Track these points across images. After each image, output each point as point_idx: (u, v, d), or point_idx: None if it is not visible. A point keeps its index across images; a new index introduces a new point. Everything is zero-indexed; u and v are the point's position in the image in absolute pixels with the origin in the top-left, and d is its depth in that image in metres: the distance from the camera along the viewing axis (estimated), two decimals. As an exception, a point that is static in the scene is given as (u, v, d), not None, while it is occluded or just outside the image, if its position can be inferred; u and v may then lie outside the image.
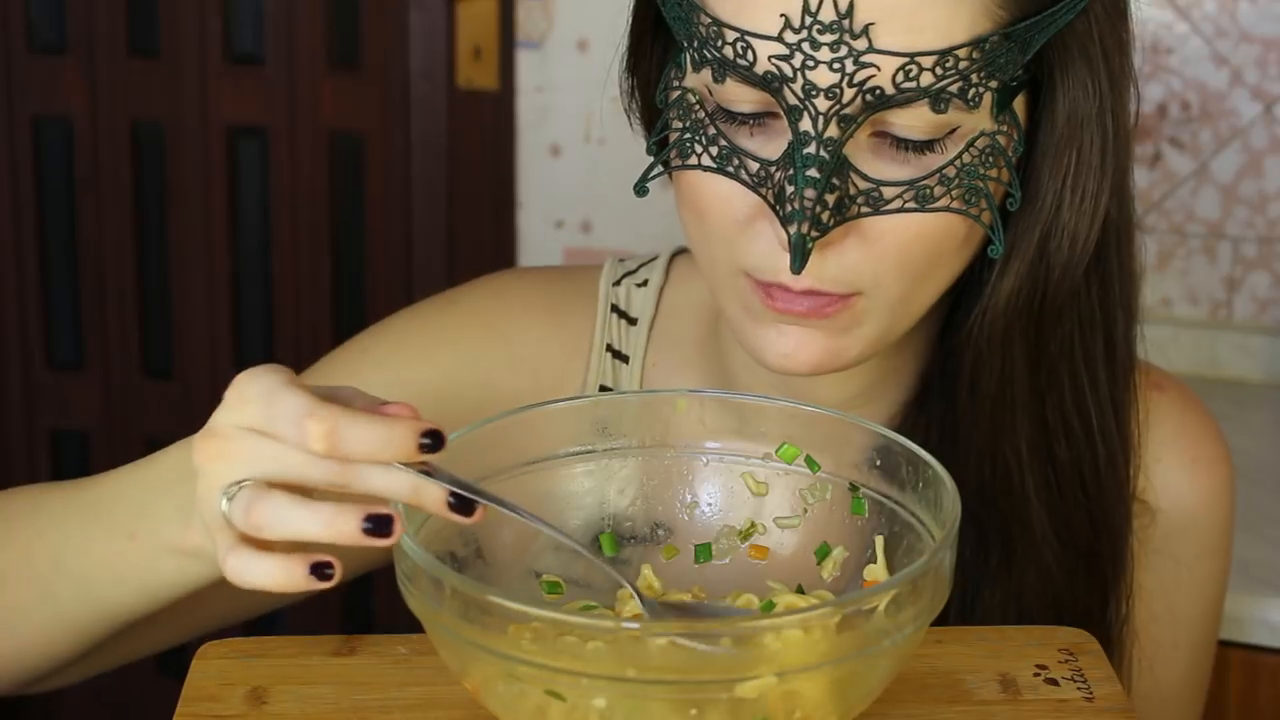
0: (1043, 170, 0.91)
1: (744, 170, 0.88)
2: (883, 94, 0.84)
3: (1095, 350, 0.97)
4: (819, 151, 0.85)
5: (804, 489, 0.87)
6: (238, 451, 0.76)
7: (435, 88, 2.30)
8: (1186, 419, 1.06)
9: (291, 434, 0.74)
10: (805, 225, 0.84)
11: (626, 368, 1.05)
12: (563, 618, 0.70)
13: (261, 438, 0.75)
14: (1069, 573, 0.99)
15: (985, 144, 0.87)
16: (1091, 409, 0.97)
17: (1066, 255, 0.92)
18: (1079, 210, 0.91)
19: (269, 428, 0.75)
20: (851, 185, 0.86)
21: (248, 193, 2.43)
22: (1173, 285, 2.10)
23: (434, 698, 0.81)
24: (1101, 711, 0.81)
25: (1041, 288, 0.93)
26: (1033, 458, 0.97)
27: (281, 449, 0.75)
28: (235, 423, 0.76)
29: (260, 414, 0.75)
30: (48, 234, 2.51)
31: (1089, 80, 0.89)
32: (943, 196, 0.87)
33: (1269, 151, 2.04)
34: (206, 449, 0.77)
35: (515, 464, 0.86)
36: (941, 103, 0.85)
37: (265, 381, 0.76)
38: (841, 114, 0.85)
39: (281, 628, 2.37)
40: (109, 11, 2.41)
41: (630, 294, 1.07)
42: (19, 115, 2.47)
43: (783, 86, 0.85)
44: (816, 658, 0.70)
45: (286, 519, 0.75)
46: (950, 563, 0.75)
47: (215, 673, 0.83)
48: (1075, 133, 0.90)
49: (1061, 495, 0.98)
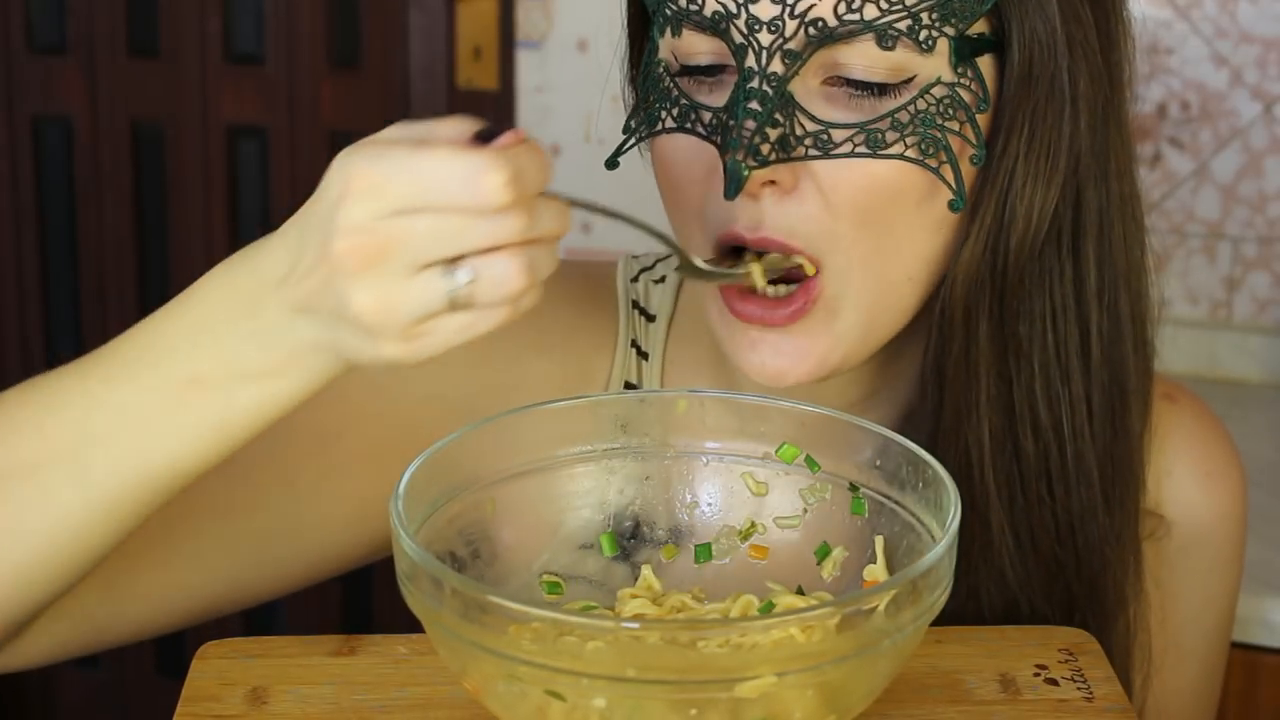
0: (1000, 129, 0.90)
1: (699, 123, 0.89)
2: (825, 26, 0.85)
3: (1068, 343, 0.94)
4: (762, 86, 0.85)
5: (804, 489, 0.87)
6: (407, 237, 0.70)
7: (435, 88, 2.30)
8: (1198, 430, 1.05)
9: (469, 197, 0.69)
10: (740, 153, 0.84)
11: (647, 364, 1.05)
12: (563, 618, 0.70)
13: (421, 216, 0.70)
14: (1027, 579, 0.96)
15: (943, 93, 0.87)
16: (1061, 404, 0.95)
17: (1024, 222, 0.90)
18: (1034, 174, 0.90)
19: (433, 200, 0.69)
20: (798, 125, 0.86)
21: (248, 193, 2.43)
22: (1173, 285, 2.10)
23: (434, 698, 0.81)
24: (1101, 711, 0.81)
25: (1003, 258, 0.91)
26: (996, 450, 0.94)
27: (456, 219, 0.69)
28: (378, 213, 0.70)
29: (412, 189, 0.69)
30: (48, 234, 2.51)
31: (1045, 38, 0.88)
32: (895, 143, 0.86)
33: (1269, 151, 2.04)
34: (357, 253, 0.70)
35: (515, 464, 0.86)
36: (889, 39, 0.85)
37: (390, 155, 0.70)
38: (785, 48, 0.85)
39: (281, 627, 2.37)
40: (109, 11, 2.41)
41: (649, 290, 1.07)
42: (19, 115, 2.47)
43: (729, 25, 0.86)
44: (816, 658, 0.70)
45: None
46: (950, 563, 0.75)
47: (215, 673, 0.83)
48: (1030, 91, 0.89)
49: (1025, 494, 0.95)
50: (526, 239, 0.71)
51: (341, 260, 0.71)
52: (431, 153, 0.70)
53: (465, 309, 0.71)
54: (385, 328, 0.72)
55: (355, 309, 0.71)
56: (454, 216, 0.70)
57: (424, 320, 0.72)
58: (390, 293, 0.71)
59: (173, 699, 0.82)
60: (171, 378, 0.80)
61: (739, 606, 0.83)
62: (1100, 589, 0.98)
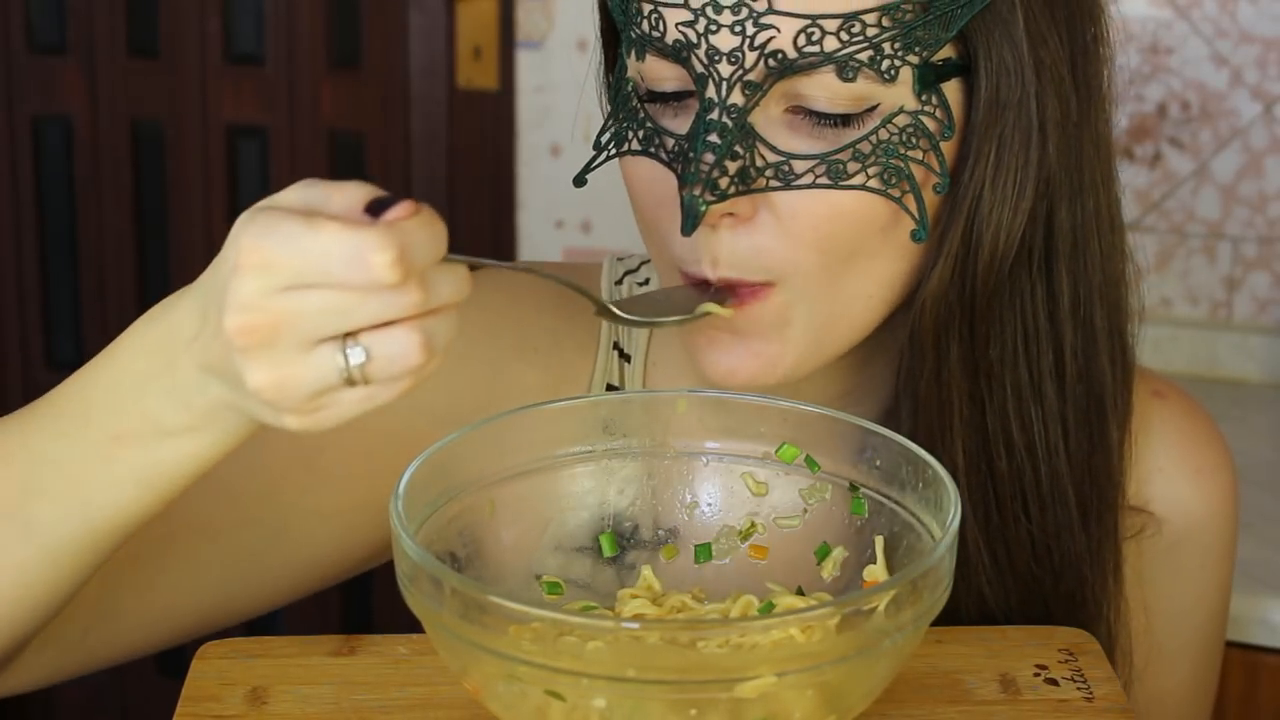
0: (967, 156, 0.89)
1: (662, 149, 0.88)
2: (785, 58, 0.84)
3: (1041, 364, 0.93)
4: (721, 118, 0.84)
5: (804, 489, 0.87)
6: (296, 315, 0.69)
7: (435, 87, 2.30)
8: (1188, 426, 1.05)
9: (356, 276, 0.68)
10: (698, 188, 0.83)
11: (630, 366, 1.04)
12: (563, 618, 0.70)
13: (312, 292, 0.68)
14: (1005, 597, 0.96)
15: (906, 122, 0.86)
16: (1035, 424, 0.94)
17: (990, 246, 0.89)
18: (1001, 200, 0.89)
19: (320, 279, 0.68)
20: (759, 156, 0.85)
21: (248, 193, 2.43)
22: (1173, 285, 2.09)
23: (434, 698, 0.81)
24: (1101, 711, 0.81)
25: (970, 282, 0.90)
26: (970, 470, 0.94)
27: (345, 295, 0.68)
28: (267, 290, 0.69)
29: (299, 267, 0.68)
30: (48, 234, 2.51)
31: (1013, 64, 0.87)
32: (857, 174, 0.85)
33: (1269, 151, 2.04)
34: (248, 331, 0.69)
35: (515, 464, 0.86)
36: (850, 71, 0.84)
37: (279, 230, 0.69)
38: (745, 79, 0.84)
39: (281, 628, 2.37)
40: (109, 11, 2.41)
41: (632, 292, 1.06)
42: (19, 115, 2.47)
43: (690, 55, 0.85)
44: (816, 658, 0.70)
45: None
46: (950, 563, 0.75)
47: (215, 673, 0.83)
48: (998, 118, 0.88)
49: (1000, 514, 0.95)
50: (422, 312, 0.70)
51: (233, 338, 0.70)
52: (319, 230, 0.68)
53: (363, 384, 0.70)
54: (282, 403, 0.71)
55: (251, 385, 0.71)
56: (344, 293, 0.68)
57: (321, 395, 0.71)
58: (283, 370, 0.70)
59: (173, 699, 0.82)
60: (98, 433, 0.80)
61: (739, 606, 0.83)
62: (1077, 603, 0.98)
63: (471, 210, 2.33)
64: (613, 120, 0.92)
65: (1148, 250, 2.06)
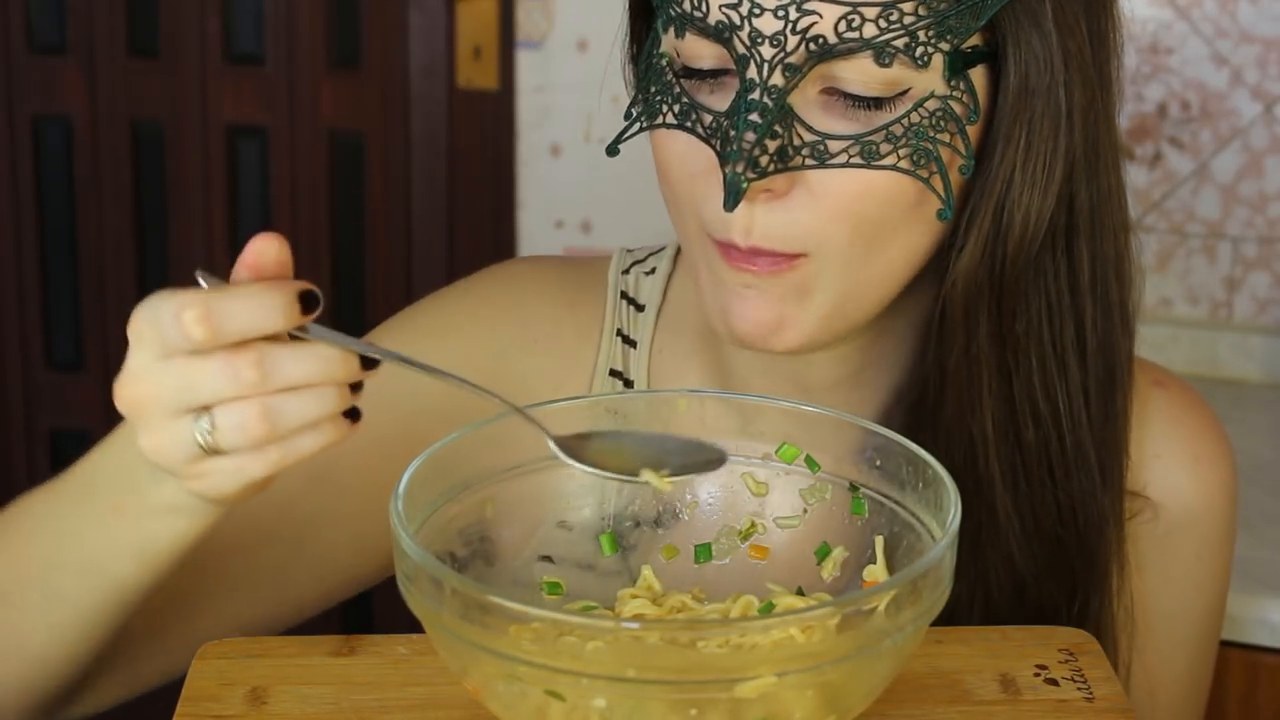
0: (997, 141, 0.92)
1: (699, 124, 0.91)
2: (825, 43, 0.86)
3: (1064, 336, 0.97)
4: (762, 98, 0.87)
5: (804, 489, 0.87)
6: (159, 387, 0.74)
7: (435, 87, 2.30)
8: (1187, 415, 1.07)
9: (173, 332, 0.72)
10: (740, 165, 0.86)
11: (635, 352, 1.06)
12: (563, 618, 0.70)
13: (172, 362, 0.73)
14: (1034, 560, 0.99)
15: (936, 106, 0.89)
16: (1060, 394, 0.97)
17: (1020, 228, 0.93)
18: (1031, 183, 0.92)
19: (168, 346, 0.73)
20: (796, 136, 0.88)
21: (248, 193, 2.43)
22: (1173, 285, 2.10)
23: (434, 698, 0.81)
24: (1102, 712, 0.81)
25: (1000, 262, 0.93)
26: (999, 440, 0.97)
27: (188, 367, 0.73)
28: (143, 360, 0.74)
29: (155, 337, 0.73)
30: (48, 234, 2.51)
31: (1041, 51, 0.90)
32: (889, 154, 0.88)
33: (1269, 151, 2.04)
34: (129, 398, 0.75)
35: (515, 464, 0.86)
36: (886, 56, 0.87)
37: (148, 305, 0.74)
38: (786, 62, 0.87)
39: (281, 628, 2.37)
40: (109, 11, 2.41)
41: (639, 281, 1.08)
42: (19, 115, 2.47)
43: (732, 36, 0.88)
44: (816, 658, 0.70)
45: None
46: (950, 563, 0.75)
47: (215, 673, 0.83)
48: (1027, 104, 0.91)
49: (1028, 480, 0.98)
50: (264, 388, 0.73)
51: (122, 405, 0.76)
52: (168, 298, 0.73)
53: (226, 454, 0.74)
54: (170, 468, 0.76)
55: (143, 450, 0.76)
56: (190, 366, 0.73)
57: (193, 463, 0.75)
58: (157, 437, 0.75)
59: (173, 699, 0.82)
60: (99, 507, 0.86)
61: (739, 606, 0.83)
62: (1101, 565, 1.01)
63: (471, 210, 2.33)
64: (642, 93, 0.94)
65: (1148, 250, 2.07)
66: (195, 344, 0.72)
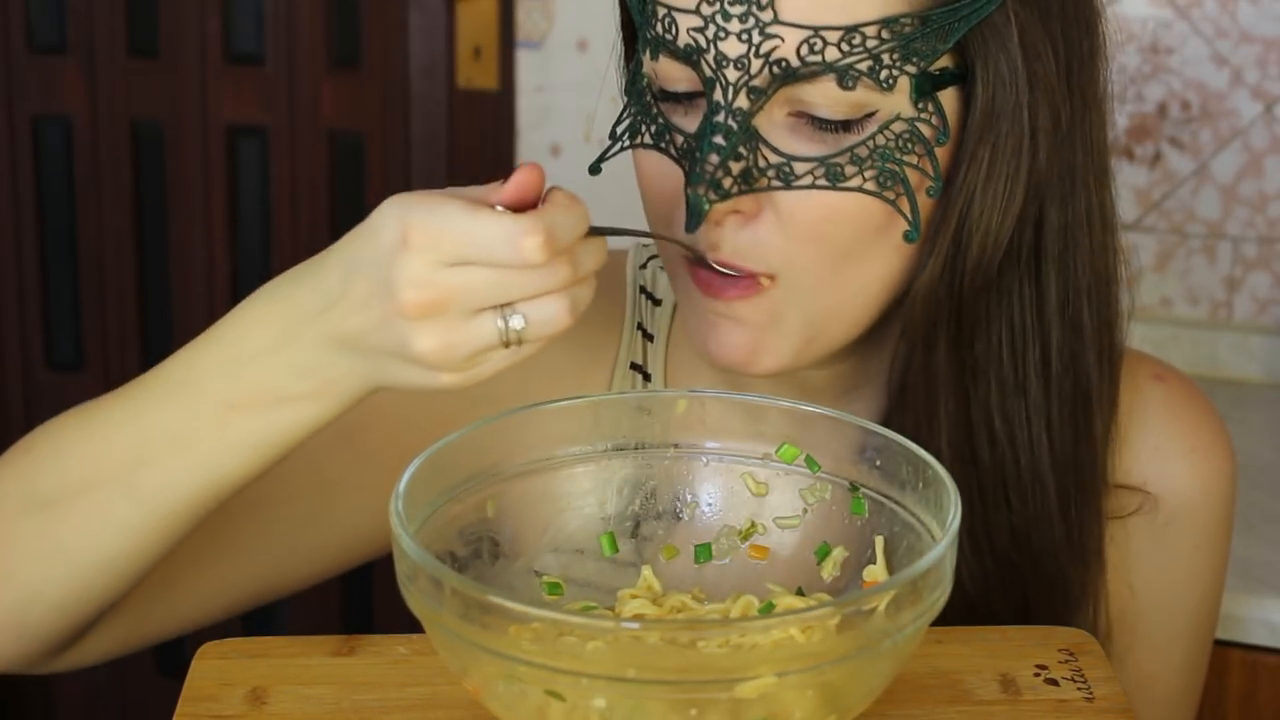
0: (961, 161, 0.92)
1: (672, 145, 0.92)
2: (788, 66, 0.87)
3: (1027, 359, 0.97)
4: (727, 120, 0.88)
5: (804, 489, 0.87)
6: (462, 290, 0.77)
7: (435, 87, 2.30)
8: (1185, 408, 1.07)
9: (511, 257, 0.76)
10: (703, 187, 0.87)
11: (653, 346, 1.08)
12: (563, 618, 0.70)
13: (475, 269, 0.77)
14: (982, 580, 0.99)
15: (902, 129, 0.89)
16: (1018, 417, 0.97)
17: (978, 248, 0.93)
18: (992, 203, 0.92)
19: (481, 257, 0.77)
20: (761, 158, 0.89)
21: (248, 192, 2.43)
22: (1173, 285, 2.10)
23: (434, 698, 0.81)
24: (1102, 712, 0.81)
25: (959, 280, 0.93)
26: (954, 459, 0.97)
27: (504, 273, 0.77)
28: (435, 265, 0.77)
29: (462, 247, 0.77)
30: (48, 234, 2.51)
31: (1007, 75, 0.90)
32: (854, 176, 0.89)
33: (1269, 151, 2.04)
34: (421, 303, 0.77)
35: (515, 464, 0.86)
36: (850, 79, 0.87)
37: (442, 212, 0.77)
38: (750, 85, 0.88)
39: (281, 628, 2.37)
40: (109, 11, 2.41)
41: (656, 276, 1.09)
42: (19, 115, 2.47)
43: (700, 59, 0.89)
44: (816, 658, 0.70)
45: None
46: (951, 563, 0.75)
47: (215, 673, 0.83)
48: (992, 125, 0.91)
49: (982, 501, 0.98)
50: (570, 283, 0.79)
51: (405, 308, 0.78)
52: (477, 214, 0.77)
53: (516, 345, 0.79)
54: (445, 364, 0.79)
55: (418, 350, 0.79)
56: (502, 271, 0.77)
57: (478, 355, 0.79)
58: (450, 336, 0.78)
59: (173, 699, 0.82)
60: (210, 403, 0.86)
61: (739, 607, 0.83)
62: (1055, 589, 1.00)
63: (471, 210, 2.33)
64: (628, 113, 0.95)
65: (1148, 250, 2.07)
66: (534, 264, 0.77)
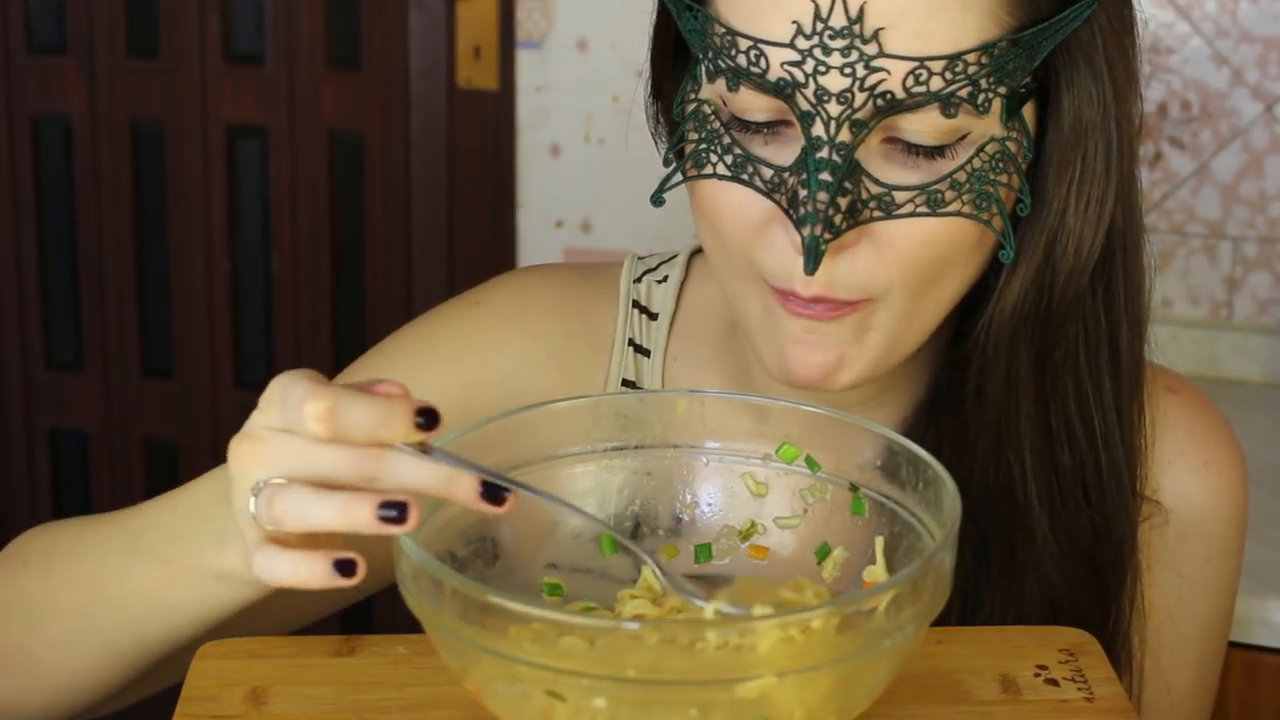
0: (1049, 176, 0.92)
1: (758, 177, 0.89)
2: (893, 98, 0.85)
3: (1100, 358, 0.97)
4: (831, 155, 0.86)
5: (804, 489, 0.87)
6: (267, 451, 0.76)
7: (435, 87, 2.31)
8: (1199, 422, 1.07)
9: (298, 421, 0.75)
10: (819, 227, 0.86)
11: (648, 362, 1.06)
12: (563, 618, 0.70)
13: (287, 436, 0.76)
14: (1069, 580, 0.99)
15: (995, 149, 0.89)
16: (1095, 417, 0.98)
17: (1072, 261, 0.93)
18: (1084, 216, 0.92)
19: (289, 424, 0.76)
20: (864, 189, 0.87)
21: (247, 192, 2.43)
22: (1173, 285, 2.10)
23: (434, 698, 0.81)
24: (1102, 712, 0.81)
25: (1047, 293, 0.94)
26: (1036, 464, 0.97)
27: (306, 445, 0.75)
28: (264, 424, 0.77)
29: (280, 411, 0.76)
30: (48, 234, 2.52)
31: (1094, 88, 0.91)
32: (954, 201, 0.88)
33: (1269, 151, 2.04)
34: (240, 452, 0.78)
35: (515, 464, 0.86)
36: (952, 107, 0.86)
37: (287, 379, 0.77)
38: (853, 118, 0.86)
39: (281, 628, 2.37)
40: (109, 11, 2.41)
41: (651, 290, 1.08)
42: (19, 115, 2.47)
43: (795, 93, 0.86)
44: (816, 658, 0.70)
45: (304, 509, 0.75)
46: (950, 563, 0.75)
47: (215, 673, 0.83)
48: (1081, 139, 0.91)
49: (1064, 502, 0.98)
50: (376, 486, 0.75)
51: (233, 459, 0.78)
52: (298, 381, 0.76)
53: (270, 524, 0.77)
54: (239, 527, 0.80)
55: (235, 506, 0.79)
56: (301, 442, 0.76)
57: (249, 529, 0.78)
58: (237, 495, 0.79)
59: (172, 699, 0.82)
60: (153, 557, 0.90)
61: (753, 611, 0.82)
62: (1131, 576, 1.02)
63: (471, 210, 2.33)
64: (684, 141, 0.93)
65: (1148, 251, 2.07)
66: (313, 436, 0.75)
